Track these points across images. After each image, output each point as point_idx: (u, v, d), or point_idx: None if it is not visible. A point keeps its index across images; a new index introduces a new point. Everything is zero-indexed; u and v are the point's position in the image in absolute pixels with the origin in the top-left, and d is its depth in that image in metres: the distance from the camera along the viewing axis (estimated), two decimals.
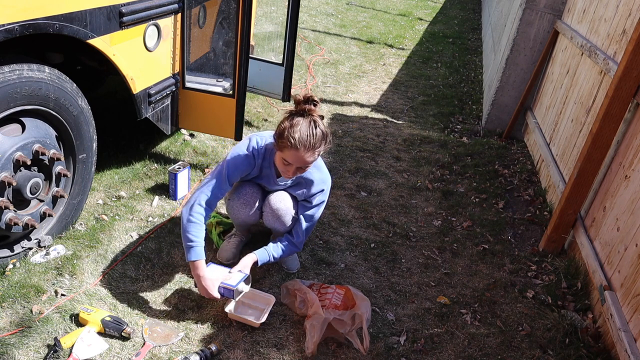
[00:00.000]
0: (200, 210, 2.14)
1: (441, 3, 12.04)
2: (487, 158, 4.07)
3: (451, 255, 2.85)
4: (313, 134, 2.04)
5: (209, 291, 2.12)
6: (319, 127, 2.06)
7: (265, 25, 6.86)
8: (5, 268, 2.24)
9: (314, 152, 2.09)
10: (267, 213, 2.38)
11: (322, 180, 2.36)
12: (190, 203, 2.16)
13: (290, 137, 2.03)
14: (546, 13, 4.18)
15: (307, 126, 2.04)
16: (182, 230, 2.14)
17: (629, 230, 2.26)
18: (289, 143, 2.04)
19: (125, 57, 2.54)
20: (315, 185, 2.35)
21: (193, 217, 2.13)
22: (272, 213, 2.36)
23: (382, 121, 4.70)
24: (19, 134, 2.09)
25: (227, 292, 2.14)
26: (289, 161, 2.10)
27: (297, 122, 2.05)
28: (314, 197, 2.38)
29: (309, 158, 2.09)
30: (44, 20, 1.98)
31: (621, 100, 2.50)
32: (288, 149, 2.06)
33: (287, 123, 2.07)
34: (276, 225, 2.41)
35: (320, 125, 2.08)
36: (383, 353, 2.12)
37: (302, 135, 2.03)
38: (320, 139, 2.08)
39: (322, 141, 2.09)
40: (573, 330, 2.32)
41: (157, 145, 3.52)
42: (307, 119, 2.06)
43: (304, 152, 2.06)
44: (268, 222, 2.42)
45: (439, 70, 6.62)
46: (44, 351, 1.91)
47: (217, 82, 3.35)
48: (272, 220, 2.39)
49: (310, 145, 2.05)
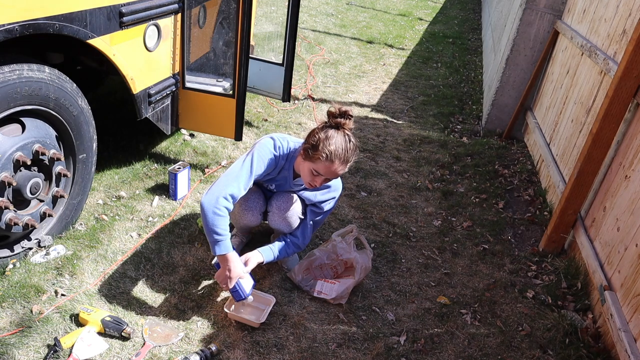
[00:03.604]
0: (226, 204, 2.03)
1: (441, 3, 12.04)
2: (487, 158, 4.07)
3: (451, 255, 2.85)
4: (347, 148, 2.09)
5: (228, 284, 2.07)
6: (352, 141, 2.11)
7: (265, 25, 6.86)
8: (5, 268, 2.24)
9: (346, 165, 2.14)
10: (274, 214, 2.38)
11: (335, 187, 2.40)
12: (214, 195, 2.03)
13: (325, 149, 2.06)
14: (546, 13, 4.18)
15: (341, 140, 2.09)
16: (207, 223, 2.01)
17: (629, 230, 2.26)
18: (324, 155, 2.06)
19: (125, 57, 2.53)
20: (329, 192, 2.39)
21: (219, 209, 2.01)
22: (279, 214, 2.36)
23: (382, 121, 4.71)
24: (19, 134, 2.09)
25: (237, 295, 2.13)
26: (320, 173, 2.12)
27: (331, 135, 2.08)
28: (325, 203, 2.41)
29: (340, 171, 2.13)
30: (44, 20, 1.98)
31: (621, 100, 2.50)
32: (321, 161, 2.08)
33: (321, 135, 2.09)
34: (281, 227, 2.41)
35: (353, 138, 2.13)
36: (383, 353, 2.12)
37: (337, 148, 2.07)
38: (353, 152, 2.13)
39: (354, 153, 2.14)
40: (573, 330, 2.32)
41: (157, 145, 3.52)
42: (341, 132, 2.11)
43: (338, 165, 2.10)
44: (273, 223, 2.42)
45: (439, 70, 6.62)
46: (44, 351, 1.91)
47: (217, 82, 3.35)
48: (278, 221, 2.39)
49: (345, 159, 2.10)
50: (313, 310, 2.31)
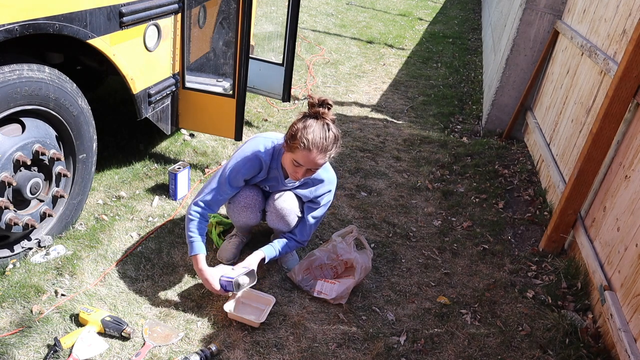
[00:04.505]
0: (197, 209, 2.23)
1: (441, 3, 12.04)
2: (487, 158, 4.07)
3: (451, 255, 2.85)
4: (326, 136, 2.06)
5: (210, 284, 2.16)
6: (331, 130, 2.08)
7: (265, 25, 6.86)
8: (5, 268, 2.24)
9: (326, 154, 2.10)
10: (271, 213, 2.38)
11: (329, 180, 2.38)
12: (191, 201, 2.26)
13: (303, 138, 2.05)
14: (546, 13, 4.18)
15: (320, 128, 2.06)
16: (185, 227, 2.23)
17: (629, 230, 2.26)
18: (302, 144, 2.05)
19: (126, 57, 2.54)
20: (324, 186, 2.37)
21: (191, 215, 2.22)
22: (277, 213, 2.36)
23: (382, 121, 4.71)
24: (19, 134, 2.09)
25: (228, 284, 2.16)
26: (300, 163, 2.11)
27: (310, 124, 2.07)
28: (321, 198, 2.39)
29: (320, 160, 2.10)
30: (44, 20, 1.98)
31: (621, 100, 2.50)
32: (300, 151, 2.07)
33: (300, 125, 2.08)
34: (280, 226, 2.41)
35: (333, 128, 2.10)
36: (383, 353, 2.12)
37: (315, 137, 2.04)
38: (333, 142, 2.09)
39: (334, 144, 2.11)
40: (573, 330, 2.32)
41: (157, 145, 3.52)
42: (320, 122, 2.08)
43: (317, 154, 2.07)
44: (272, 223, 2.42)
45: (439, 70, 6.62)
46: (44, 351, 1.91)
47: (217, 82, 3.35)
48: (276, 221, 2.39)
49: (323, 148, 2.07)
50: (313, 310, 2.31)
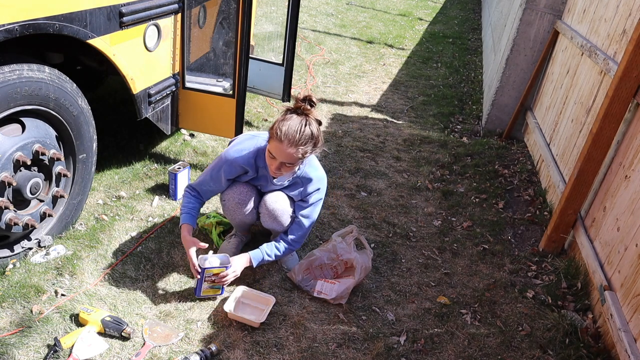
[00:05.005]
0: (190, 190, 2.36)
1: (441, 3, 12.04)
2: (487, 158, 4.07)
3: (451, 255, 2.85)
4: (300, 130, 2.04)
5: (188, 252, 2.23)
6: (309, 127, 2.06)
7: (265, 25, 6.86)
8: (5, 268, 2.24)
9: (298, 149, 2.06)
10: (264, 214, 2.39)
11: (318, 178, 2.36)
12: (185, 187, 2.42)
13: (277, 128, 2.05)
14: (546, 13, 4.18)
15: (297, 122, 2.05)
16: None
17: (629, 230, 2.26)
18: (275, 134, 2.06)
19: (126, 57, 2.54)
20: (312, 184, 2.36)
21: (185, 195, 2.37)
22: (269, 214, 2.36)
23: (382, 121, 4.71)
24: (19, 134, 2.09)
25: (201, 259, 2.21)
26: (273, 153, 2.10)
27: (289, 117, 2.07)
28: (310, 196, 2.38)
29: (291, 153, 2.06)
30: (44, 20, 1.98)
31: (621, 100, 2.50)
32: (273, 140, 2.08)
33: (280, 116, 2.10)
34: (274, 226, 2.41)
35: (313, 126, 2.07)
36: (383, 353, 2.12)
37: (289, 129, 2.03)
38: (307, 138, 2.06)
39: (309, 141, 2.07)
40: (573, 330, 2.32)
41: (157, 145, 3.52)
42: (301, 117, 2.07)
43: (287, 146, 2.04)
44: (266, 224, 2.42)
45: (439, 70, 6.62)
46: (44, 351, 1.91)
47: (217, 82, 3.35)
48: (270, 221, 2.39)
49: (295, 141, 2.04)
50: (313, 310, 2.31)
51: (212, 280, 2.21)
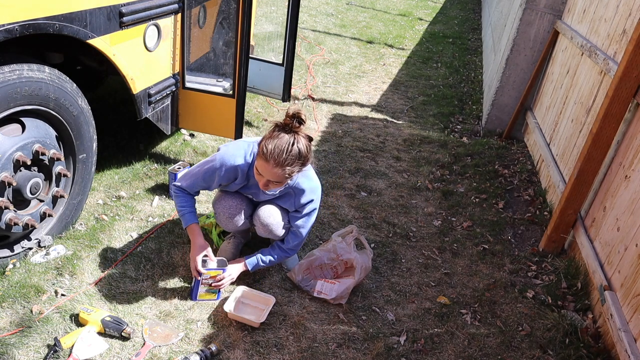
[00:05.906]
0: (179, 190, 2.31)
1: (441, 3, 12.04)
2: (487, 158, 4.07)
3: (451, 255, 2.85)
4: (287, 150, 1.96)
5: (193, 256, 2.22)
6: (296, 146, 1.98)
7: (265, 25, 6.86)
8: (5, 268, 2.24)
9: (284, 169, 1.99)
10: (259, 228, 2.37)
11: (311, 189, 2.29)
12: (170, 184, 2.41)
13: (264, 146, 1.99)
14: (546, 13, 4.18)
15: (284, 142, 1.97)
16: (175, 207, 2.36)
17: (629, 230, 2.26)
18: (262, 152, 1.99)
19: (126, 57, 2.53)
20: (305, 195, 2.29)
21: (175, 192, 2.31)
22: (263, 228, 2.35)
23: (382, 121, 4.71)
24: (19, 134, 2.09)
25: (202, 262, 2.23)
26: (259, 171, 2.05)
27: (277, 135, 1.99)
28: (304, 207, 2.32)
29: (277, 173, 2.00)
30: (44, 20, 1.98)
31: (621, 100, 2.50)
32: (260, 158, 2.01)
33: (269, 133, 2.03)
34: (270, 237, 2.41)
35: (301, 144, 1.99)
36: (383, 353, 2.12)
37: (275, 148, 1.96)
38: (294, 158, 1.99)
39: (296, 161, 2.00)
40: (573, 330, 2.32)
41: (157, 145, 3.52)
42: (290, 135, 1.99)
43: (273, 165, 1.98)
44: (261, 235, 2.41)
45: (439, 70, 6.62)
46: (44, 351, 1.91)
47: (217, 82, 3.35)
48: (265, 234, 2.38)
49: (280, 161, 1.97)
50: (313, 310, 2.31)
51: (209, 284, 2.22)
